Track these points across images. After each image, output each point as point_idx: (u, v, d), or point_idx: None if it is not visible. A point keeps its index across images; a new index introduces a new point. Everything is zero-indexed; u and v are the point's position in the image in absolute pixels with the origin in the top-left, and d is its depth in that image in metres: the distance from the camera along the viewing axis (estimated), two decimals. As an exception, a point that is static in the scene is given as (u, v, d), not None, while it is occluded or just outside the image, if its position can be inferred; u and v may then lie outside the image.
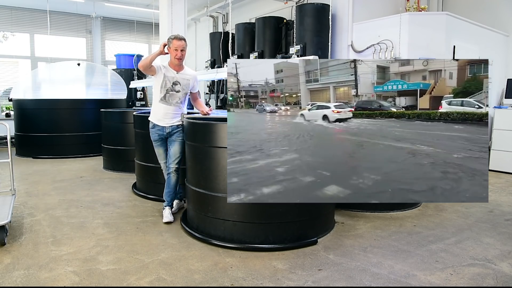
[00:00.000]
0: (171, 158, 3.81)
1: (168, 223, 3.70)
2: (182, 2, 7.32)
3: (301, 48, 5.89)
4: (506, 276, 2.68)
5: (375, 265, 2.82)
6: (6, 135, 4.26)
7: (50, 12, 9.48)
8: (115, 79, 9.30)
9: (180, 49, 3.66)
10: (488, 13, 6.97)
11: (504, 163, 6.10)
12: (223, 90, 8.37)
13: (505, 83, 6.53)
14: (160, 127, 3.80)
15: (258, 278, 2.61)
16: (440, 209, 4.23)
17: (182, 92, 3.80)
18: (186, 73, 3.84)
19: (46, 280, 2.58)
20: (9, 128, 3.75)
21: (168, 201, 3.87)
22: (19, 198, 4.55)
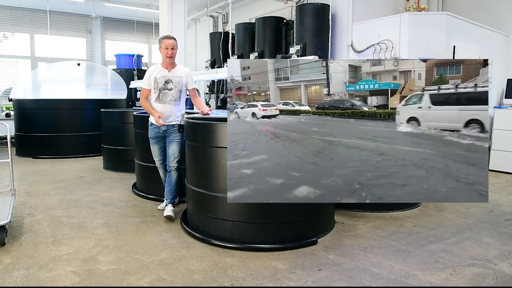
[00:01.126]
0: (170, 158, 3.90)
1: (169, 219, 3.76)
2: (182, 2, 7.33)
3: (301, 48, 5.90)
4: (506, 276, 2.68)
5: (375, 265, 2.82)
6: (6, 135, 4.26)
7: (50, 12, 9.48)
8: (115, 79, 9.30)
9: (170, 47, 3.79)
10: (488, 13, 6.97)
11: (504, 163, 6.10)
12: (223, 90, 8.38)
13: (505, 83, 6.53)
14: (156, 125, 3.90)
15: (258, 278, 2.61)
16: (440, 209, 4.23)
17: (175, 89, 3.88)
18: (178, 71, 3.93)
19: (46, 280, 2.58)
20: (9, 128, 3.75)
21: (170, 199, 3.94)
22: (19, 198, 4.55)
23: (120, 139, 6.14)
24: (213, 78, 6.14)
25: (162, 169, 4.08)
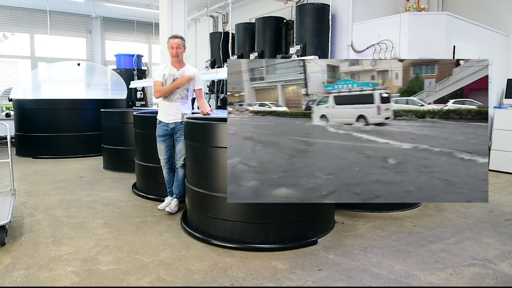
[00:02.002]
0: (178, 155, 4.02)
1: (170, 214, 3.87)
2: (182, 2, 7.33)
3: (301, 48, 5.90)
4: (506, 276, 2.68)
5: (375, 265, 2.82)
6: (6, 135, 4.26)
7: (50, 12, 9.47)
8: (115, 79, 9.30)
9: (175, 46, 3.90)
10: (488, 13, 6.97)
11: (504, 163, 6.10)
12: (223, 90, 8.37)
13: (505, 83, 6.53)
14: (165, 123, 3.99)
15: (258, 278, 2.61)
16: (440, 209, 4.23)
17: (182, 88, 3.96)
18: (186, 70, 4.01)
19: (46, 280, 2.58)
20: (9, 128, 3.75)
21: (177, 194, 4.06)
22: (19, 198, 4.55)
23: (120, 139, 6.14)
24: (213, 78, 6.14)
25: (166, 168, 4.11)
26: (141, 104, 9.81)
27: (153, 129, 4.12)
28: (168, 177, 4.13)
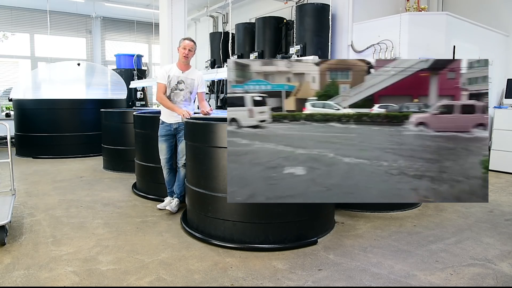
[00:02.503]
0: (179, 155, 4.05)
1: (170, 214, 3.86)
2: (182, 2, 7.33)
3: (301, 48, 5.90)
4: (506, 276, 2.68)
5: (375, 265, 2.82)
6: (6, 135, 4.26)
7: (50, 12, 9.47)
8: (115, 79, 9.30)
9: (188, 48, 3.94)
10: (488, 13, 6.97)
11: (504, 163, 6.09)
12: (223, 90, 8.37)
13: (505, 83, 6.53)
14: (168, 124, 4.02)
15: (258, 278, 2.61)
16: (440, 209, 4.23)
17: (186, 90, 4.01)
18: (191, 73, 4.07)
19: (46, 280, 2.58)
20: (9, 128, 3.75)
21: (178, 193, 4.08)
22: (19, 198, 4.55)
23: (120, 139, 6.14)
24: (213, 78, 6.14)
25: (167, 168, 4.12)
26: (141, 104, 9.81)
27: (153, 129, 4.12)
28: (168, 178, 4.14)
